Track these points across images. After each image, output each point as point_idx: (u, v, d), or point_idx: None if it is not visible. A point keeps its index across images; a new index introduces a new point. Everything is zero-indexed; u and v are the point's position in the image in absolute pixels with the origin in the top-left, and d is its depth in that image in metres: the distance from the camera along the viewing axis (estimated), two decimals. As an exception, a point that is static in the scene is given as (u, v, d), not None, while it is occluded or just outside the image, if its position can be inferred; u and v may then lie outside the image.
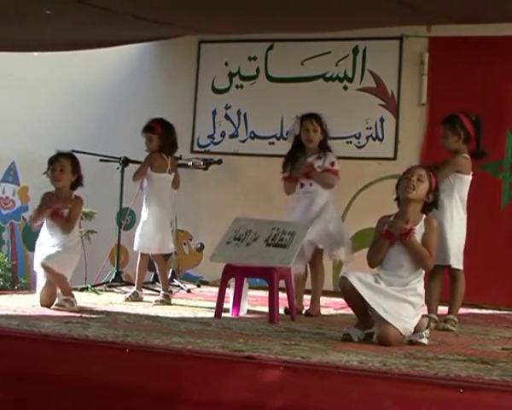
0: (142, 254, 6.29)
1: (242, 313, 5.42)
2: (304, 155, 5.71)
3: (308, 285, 5.81)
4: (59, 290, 5.42)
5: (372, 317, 4.35)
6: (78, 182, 5.54)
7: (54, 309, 5.24)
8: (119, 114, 8.79)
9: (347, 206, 7.08)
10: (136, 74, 8.89)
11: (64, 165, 5.47)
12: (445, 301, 5.37)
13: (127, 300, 6.12)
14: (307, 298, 5.77)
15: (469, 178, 5.30)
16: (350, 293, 4.30)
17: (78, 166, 5.53)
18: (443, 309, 5.38)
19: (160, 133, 6.22)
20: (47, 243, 5.45)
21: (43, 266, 5.35)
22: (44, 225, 5.52)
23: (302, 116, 5.73)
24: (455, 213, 5.23)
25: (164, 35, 8.23)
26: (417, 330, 4.30)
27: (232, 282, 5.39)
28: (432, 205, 4.46)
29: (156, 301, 6.09)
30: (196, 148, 8.56)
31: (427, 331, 4.34)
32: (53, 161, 5.49)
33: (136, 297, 6.18)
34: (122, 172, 7.21)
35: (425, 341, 4.28)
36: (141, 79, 8.86)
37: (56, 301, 5.36)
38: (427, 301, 5.30)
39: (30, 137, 9.00)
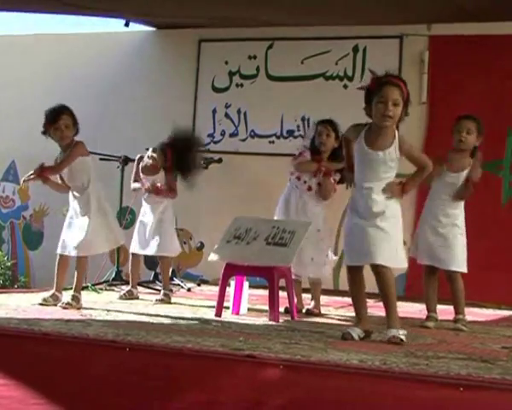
0: (132, 254, 6.38)
1: (242, 311, 5.42)
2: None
3: (306, 284, 5.81)
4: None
5: None
6: (76, 132, 5.52)
7: (61, 307, 5.26)
8: (119, 114, 8.79)
9: (348, 205, 7.06)
10: (137, 73, 8.89)
11: (67, 121, 5.45)
12: (442, 299, 5.37)
13: (121, 297, 6.17)
14: (307, 297, 5.78)
15: None
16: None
17: (75, 117, 5.51)
18: (442, 308, 5.39)
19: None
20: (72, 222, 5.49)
21: (77, 259, 5.44)
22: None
23: (318, 121, 5.76)
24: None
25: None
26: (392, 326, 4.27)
27: (232, 281, 5.39)
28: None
29: (156, 300, 6.11)
30: (196, 147, 8.56)
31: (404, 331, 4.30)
32: (55, 120, 5.43)
33: (130, 295, 6.23)
34: (122, 170, 7.22)
35: (403, 337, 4.24)
36: (141, 78, 8.86)
37: (63, 300, 5.38)
38: (426, 301, 5.31)
39: (30, 137, 8.98)
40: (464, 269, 5.21)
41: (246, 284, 5.45)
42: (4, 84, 9.38)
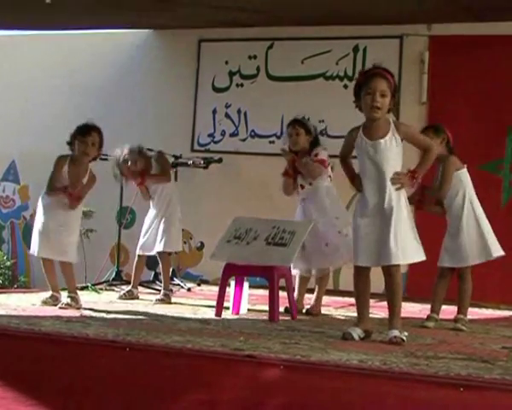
0: (138, 255, 6.38)
1: (242, 311, 5.42)
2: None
3: (311, 284, 5.81)
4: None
5: None
6: (97, 156, 5.55)
7: (60, 308, 5.26)
8: (119, 113, 8.78)
9: (348, 204, 7.06)
10: (136, 74, 8.89)
11: (95, 140, 5.45)
12: (445, 298, 5.37)
13: (121, 297, 6.18)
14: (308, 297, 5.78)
15: (465, 170, 5.33)
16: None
17: (103, 142, 5.52)
18: (443, 308, 5.38)
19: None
20: (54, 228, 5.42)
21: (61, 263, 5.43)
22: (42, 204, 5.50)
23: (287, 125, 5.81)
24: (475, 204, 5.31)
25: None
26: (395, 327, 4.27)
27: (232, 281, 5.39)
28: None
29: (156, 299, 6.11)
30: (196, 146, 8.56)
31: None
32: (85, 134, 5.42)
33: (130, 295, 6.23)
34: (122, 170, 7.21)
35: (405, 338, 4.23)
36: (141, 78, 8.86)
37: (62, 301, 5.38)
38: (432, 301, 5.31)
39: (30, 136, 9.00)
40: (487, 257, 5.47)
41: (246, 284, 5.46)
42: (5, 85, 9.38)
